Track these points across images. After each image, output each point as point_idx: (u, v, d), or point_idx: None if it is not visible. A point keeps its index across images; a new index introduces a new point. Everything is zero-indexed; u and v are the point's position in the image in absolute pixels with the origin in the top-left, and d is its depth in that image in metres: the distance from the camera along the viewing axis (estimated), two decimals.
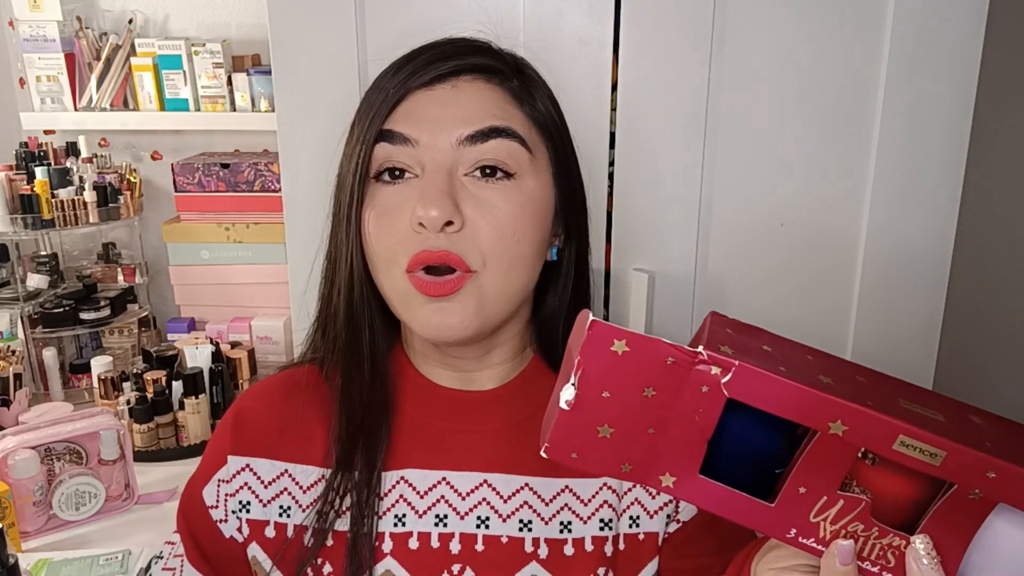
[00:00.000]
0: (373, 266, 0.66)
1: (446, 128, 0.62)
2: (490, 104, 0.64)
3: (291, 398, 0.73)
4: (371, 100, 0.66)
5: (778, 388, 0.40)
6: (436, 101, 0.64)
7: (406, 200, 0.62)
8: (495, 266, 0.63)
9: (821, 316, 1.16)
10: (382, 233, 0.63)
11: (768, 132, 1.10)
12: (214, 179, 1.63)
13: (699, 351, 0.41)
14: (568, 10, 1.09)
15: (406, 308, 0.64)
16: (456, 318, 0.62)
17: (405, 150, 0.63)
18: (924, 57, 1.06)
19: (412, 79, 0.64)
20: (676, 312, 1.16)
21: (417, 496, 0.69)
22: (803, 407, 0.40)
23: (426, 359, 0.72)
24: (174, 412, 1.36)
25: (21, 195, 1.51)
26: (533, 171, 0.65)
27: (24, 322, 1.55)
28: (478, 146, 0.62)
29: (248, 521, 0.70)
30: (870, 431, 0.40)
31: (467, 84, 0.65)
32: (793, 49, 1.08)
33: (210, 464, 0.73)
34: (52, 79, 1.69)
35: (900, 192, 1.10)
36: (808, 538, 0.43)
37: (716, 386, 0.41)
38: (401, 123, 0.63)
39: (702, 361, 0.41)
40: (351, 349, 0.69)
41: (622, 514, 0.68)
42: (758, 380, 0.40)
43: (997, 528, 0.41)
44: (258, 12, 1.71)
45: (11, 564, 0.92)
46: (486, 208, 0.62)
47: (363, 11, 1.11)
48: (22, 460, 1.12)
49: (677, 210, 1.13)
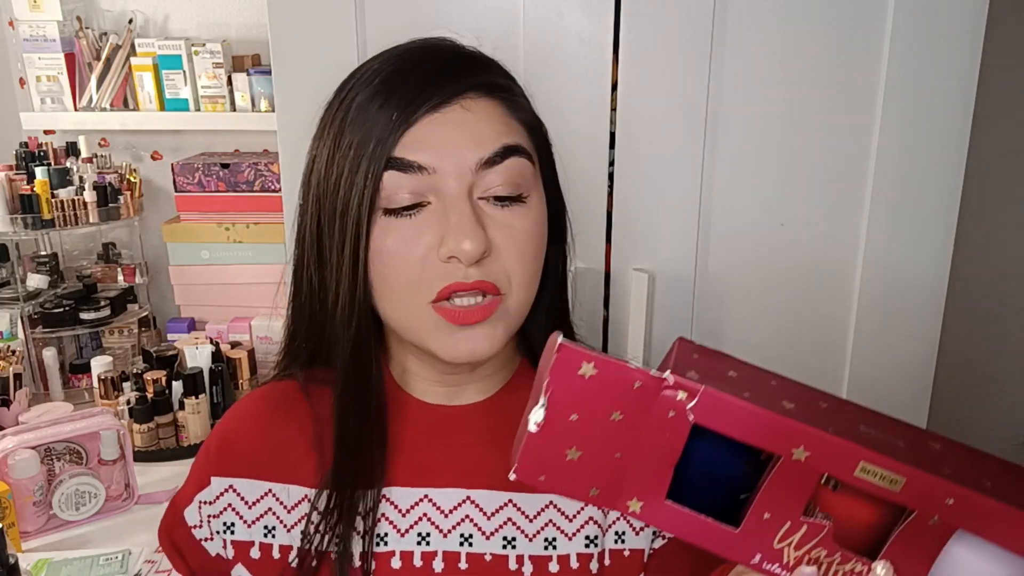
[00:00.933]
0: (380, 296, 0.63)
1: (462, 153, 0.60)
2: (497, 121, 0.63)
3: (276, 416, 0.72)
4: (364, 125, 0.61)
5: (742, 413, 0.41)
6: (449, 124, 0.61)
7: (424, 230, 0.60)
8: (518, 285, 0.63)
9: (821, 315, 1.16)
10: (399, 266, 0.61)
11: (768, 132, 1.10)
12: (214, 179, 1.63)
13: (665, 376, 0.41)
14: (568, 10, 1.09)
15: (429, 337, 0.62)
16: (487, 343, 0.62)
17: (420, 179, 0.60)
18: (924, 57, 1.06)
19: (418, 101, 0.60)
20: (676, 312, 1.16)
21: (399, 514, 0.68)
22: (766, 432, 0.41)
23: (415, 377, 0.70)
24: (174, 412, 1.36)
25: (21, 195, 1.51)
26: (536, 184, 0.65)
27: (24, 322, 1.55)
28: (495, 168, 0.61)
29: (233, 543, 0.70)
30: (832, 456, 0.41)
31: (474, 103, 0.62)
32: (793, 49, 1.08)
33: (193, 485, 0.72)
34: (52, 79, 1.69)
35: (900, 193, 1.10)
36: (773, 563, 0.43)
37: (682, 411, 0.41)
38: (413, 151, 0.60)
39: (668, 386, 0.41)
40: (358, 377, 0.67)
41: (607, 529, 0.68)
42: (722, 405, 0.41)
43: (956, 554, 0.42)
44: (258, 12, 1.71)
45: (11, 564, 0.92)
46: (507, 231, 0.61)
47: (363, 11, 1.11)
48: (22, 460, 1.12)
49: (677, 210, 1.13)
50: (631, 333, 1.16)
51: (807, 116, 1.09)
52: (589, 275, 1.17)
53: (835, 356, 1.17)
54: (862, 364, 1.16)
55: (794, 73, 1.08)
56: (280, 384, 0.74)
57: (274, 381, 0.75)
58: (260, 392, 0.75)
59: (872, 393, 1.17)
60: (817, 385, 0.45)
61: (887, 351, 1.15)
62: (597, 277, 1.17)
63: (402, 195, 0.60)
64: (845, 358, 1.17)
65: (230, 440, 0.72)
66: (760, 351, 1.17)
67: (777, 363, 1.29)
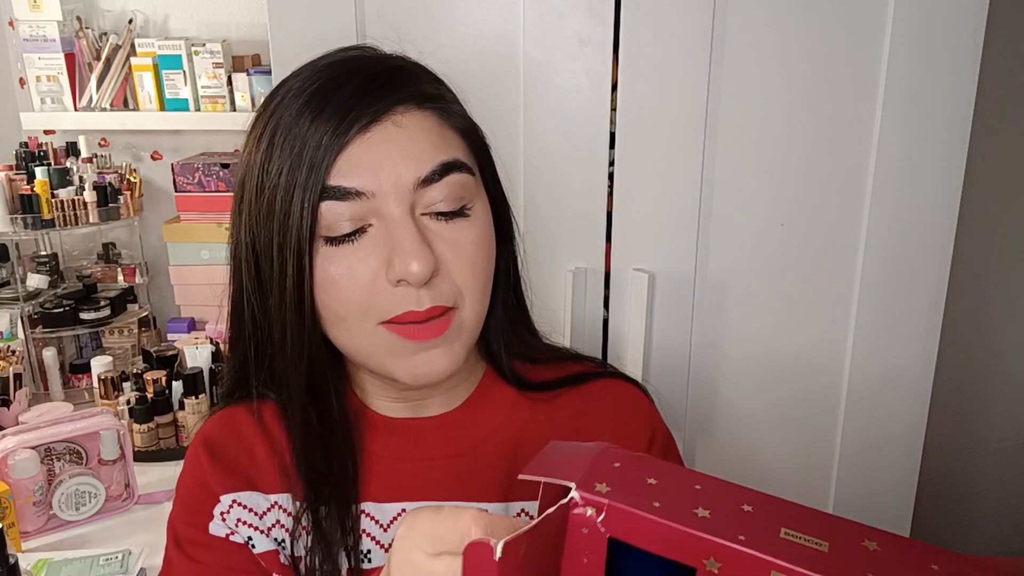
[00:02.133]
0: (330, 324, 0.62)
1: (399, 173, 0.58)
2: (432, 135, 0.60)
3: (239, 437, 0.70)
4: (294, 149, 0.58)
5: (648, 526, 0.41)
6: (382, 143, 0.58)
7: (368, 254, 0.58)
8: (471, 297, 0.62)
9: (820, 315, 1.16)
10: (346, 295, 0.59)
11: (768, 132, 1.10)
12: (214, 179, 1.63)
13: (572, 495, 0.42)
14: (568, 10, 1.09)
15: (385, 360, 0.61)
16: (445, 361, 0.61)
17: (359, 204, 0.57)
18: (924, 57, 1.06)
19: (348, 121, 0.57)
20: (676, 312, 1.16)
21: (381, 529, 0.67)
22: (676, 544, 0.41)
23: (375, 395, 0.70)
24: (174, 412, 1.36)
25: (21, 195, 1.51)
26: (479, 192, 0.63)
27: (24, 322, 1.55)
28: (434, 186, 0.59)
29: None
30: (743, 568, 0.40)
31: (405, 118, 0.59)
32: (793, 49, 1.08)
33: (204, 503, 0.69)
34: (52, 79, 1.69)
35: (900, 192, 1.10)
36: None
37: (594, 526, 0.42)
38: (349, 176, 0.57)
39: (576, 504, 0.42)
40: (317, 405, 0.66)
41: None
42: (629, 519, 0.41)
43: None
44: (258, 12, 1.71)
45: (11, 564, 0.92)
46: (454, 245, 0.60)
47: (363, 11, 1.11)
48: (22, 460, 1.12)
49: (677, 210, 1.13)
50: (631, 333, 1.16)
51: (807, 116, 1.09)
52: (589, 275, 1.17)
53: (835, 355, 1.17)
54: (862, 363, 1.16)
55: (794, 73, 1.08)
56: (236, 409, 0.72)
57: (230, 408, 0.72)
58: (220, 416, 0.73)
59: (872, 392, 1.17)
60: (818, 383, 0.44)
61: (887, 350, 1.16)
62: (597, 277, 1.17)
63: (342, 223, 0.58)
64: (845, 358, 1.17)
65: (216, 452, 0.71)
66: (760, 351, 1.18)
67: (777, 362, 1.28)
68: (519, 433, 0.71)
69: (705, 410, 1.21)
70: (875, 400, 1.18)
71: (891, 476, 1.21)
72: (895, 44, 1.05)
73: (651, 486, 0.43)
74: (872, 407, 1.18)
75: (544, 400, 0.72)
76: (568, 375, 0.74)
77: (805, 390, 1.19)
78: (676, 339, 1.17)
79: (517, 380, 0.72)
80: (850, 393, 1.18)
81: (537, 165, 1.14)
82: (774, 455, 1.22)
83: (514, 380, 0.72)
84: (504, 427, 0.71)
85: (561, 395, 0.73)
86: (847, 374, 1.17)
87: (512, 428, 0.71)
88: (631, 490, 0.42)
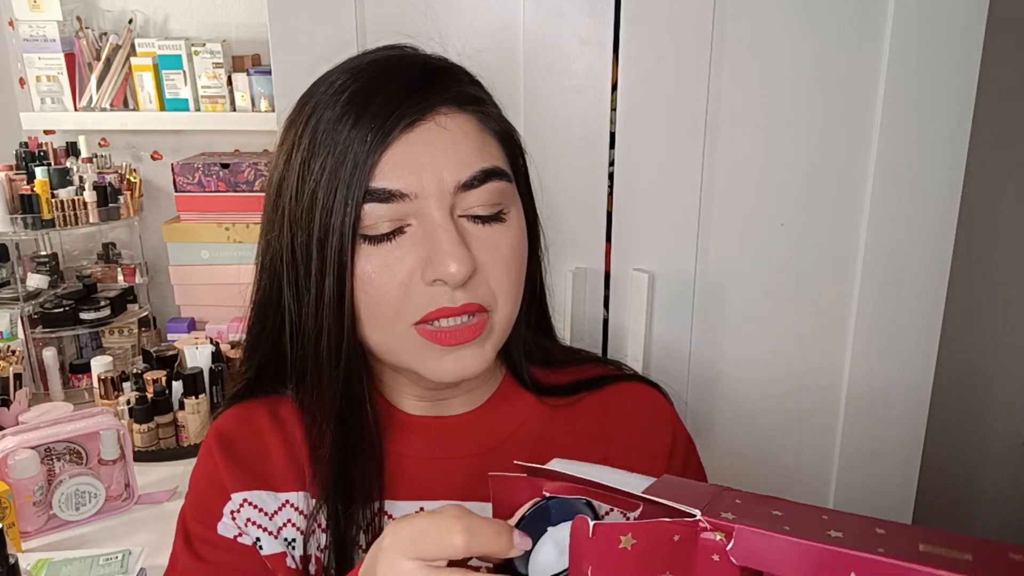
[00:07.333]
0: (363, 323, 0.62)
1: (441, 175, 0.59)
2: (473, 138, 0.61)
3: (254, 434, 0.70)
4: (337, 147, 0.58)
5: (783, 546, 0.39)
6: (425, 144, 0.59)
7: (406, 253, 0.59)
8: (504, 300, 0.62)
9: (820, 315, 1.16)
10: (382, 292, 0.60)
11: (768, 132, 1.10)
12: (214, 179, 1.63)
13: (698, 519, 0.40)
14: (568, 10, 1.09)
15: (415, 359, 0.62)
16: (476, 362, 0.62)
17: (401, 206, 0.58)
18: (924, 57, 1.06)
19: (392, 121, 0.58)
20: (676, 312, 1.16)
21: None
22: (814, 564, 0.39)
23: (398, 391, 0.70)
24: (174, 412, 1.36)
25: (21, 195, 1.51)
26: (514, 199, 0.64)
27: (24, 322, 1.55)
28: (473, 191, 0.60)
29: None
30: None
31: (447, 119, 0.60)
32: (793, 49, 1.08)
33: (215, 500, 0.69)
34: (52, 79, 1.69)
35: (900, 192, 1.10)
36: None
37: (723, 553, 0.40)
38: (392, 177, 0.58)
39: (703, 529, 0.40)
40: (350, 404, 0.66)
41: None
42: (761, 541, 0.39)
43: None
44: (258, 12, 1.71)
45: (11, 564, 0.92)
46: (491, 248, 0.61)
47: (363, 11, 1.11)
48: (22, 460, 1.12)
49: (677, 210, 1.13)
50: (631, 333, 1.16)
51: (807, 116, 1.09)
52: (589, 275, 1.17)
53: (834, 355, 1.17)
54: (862, 363, 1.16)
55: (794, 73, 1.08)
56: (250, 405, 0.72)
57: (243, 404, 0.72)
58: (223, 419, 0.73)
59: (873, 390, 1.17)
60: (817, 385, 0.44)
61: (887, 349, 1.16)
62: (597, 277, 1.17)
63: (382, 223, 0.59)
64: (845, 357, 1.17)
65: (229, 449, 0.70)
66: (760, 350, 1.18)
67: (777, 362, 1.28)
68: (542, 433, 0.71)
69: (705, 410, 1.21)
70: (875, 400, 1.18)
71: (891, 475, 1.21)
72: (895, 44, 1.05)
73: (776, 516, 0.42)
74: (872, 407, 1.18)
75: (565, 404, 0.73)
76: (587, 378, 0.75)
77: (805, 391, 1.19)
78: (676, 339, 1.17)
79: (536, 386, 0.73)
80: (850, 393, 1.18)
81: (537, 165, 1.14)
82: (774, 455, 1.22)
83: (533, 387, 0.73)
84: (527, 426, 0.71)
85: (582, 398, 0.73)
86: (847, 374, 1.17)
87: (535, 428, 0.71)
88: (757, 518, 0.41)
